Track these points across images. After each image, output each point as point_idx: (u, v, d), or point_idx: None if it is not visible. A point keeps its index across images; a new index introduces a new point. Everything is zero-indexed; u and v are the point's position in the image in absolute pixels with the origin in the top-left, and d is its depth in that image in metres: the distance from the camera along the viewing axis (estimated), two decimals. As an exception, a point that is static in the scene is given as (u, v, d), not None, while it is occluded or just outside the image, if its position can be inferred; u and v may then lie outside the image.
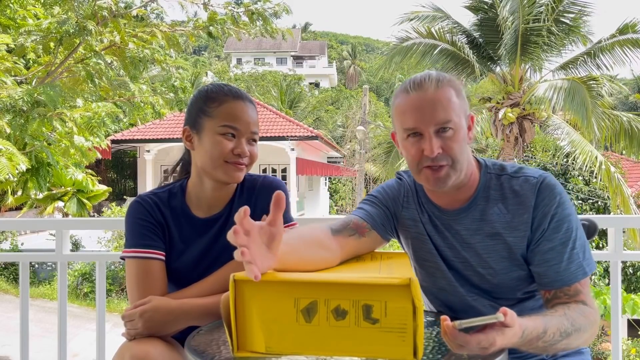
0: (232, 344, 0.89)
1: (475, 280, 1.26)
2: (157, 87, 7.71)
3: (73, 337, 8.41)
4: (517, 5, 10.00)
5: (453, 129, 1.17)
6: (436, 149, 1.16)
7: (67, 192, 12.79)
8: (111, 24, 6.31)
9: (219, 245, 1.37)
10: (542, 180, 1.20)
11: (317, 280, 0.86)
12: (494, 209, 1.23)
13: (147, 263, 1.29)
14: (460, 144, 1.18)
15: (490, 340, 0.85)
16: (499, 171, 1.26)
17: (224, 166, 1.30)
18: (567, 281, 1.15)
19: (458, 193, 1.25)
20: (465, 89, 4.43)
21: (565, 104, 9.47)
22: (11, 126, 5.52)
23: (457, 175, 1.20)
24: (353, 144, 28.13)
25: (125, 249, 1.32)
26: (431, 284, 1.33)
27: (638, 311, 6.26)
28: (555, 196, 1.18)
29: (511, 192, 1.22)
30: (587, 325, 1.08)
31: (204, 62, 47.77)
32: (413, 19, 11.51)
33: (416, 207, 1.33)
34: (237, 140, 1.30)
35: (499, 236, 1.21)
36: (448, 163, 1.18)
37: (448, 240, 1.27)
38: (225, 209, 1.39)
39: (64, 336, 2.06)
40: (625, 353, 6.73)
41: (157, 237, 1.33)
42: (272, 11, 6.86)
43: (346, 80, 59.81)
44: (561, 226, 1.17)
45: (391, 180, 1.41)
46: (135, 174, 20.13)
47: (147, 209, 1.35)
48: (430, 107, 1.16)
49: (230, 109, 1.31)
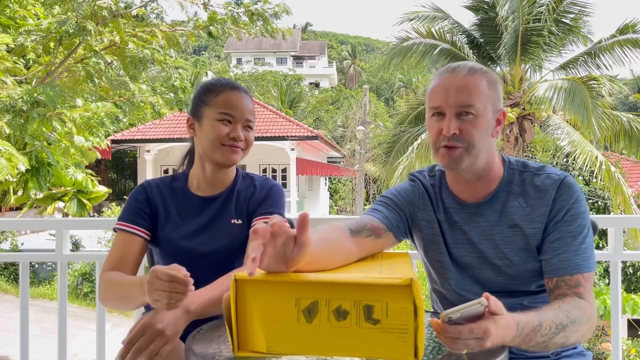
0: (232, 344, 0.89)
1: (489, 277, 1.29)
2: (157, 87, 7.71)
3: (73, 337, 8.41)
4: (517, 5, 10.00)
5: (474, 114, 1.21)
6: (453, 129, 1.21)
7: (67, 192, 12.80)
8: (111, 23, 6.31)
9: (217, 222, 1.48)
10: (564, 177, 1.26)
11: (319, 281, 0.86)
12: (514, 202, 1.27)
13: (130, 236, 1.43)
14: (480, 131, 1.21)
15: (483, 328, 0.85)
16: (522, 168, 1.31)
17: (221, 149, 1.43)
18: (569, 270, 1.17)
19: (480, 185, 1.29)
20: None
21: (566, 104, 9.46)
22: (11, 126, 5.52)
23: (472, 161, 1.23)
24: (353, 144, 28.14)
25: (117, 221, 1.46)
26: (441, 284, 1.36)
27: (638, 311, 6.27)
28: (574, 193, 1.24)
29: (532, 187, 1.27)
30: (583, 317, 1.08)
31: (204, 62, 47.76)
32: (413, 19, 11.52)
33: (432, 207, 1.36)
34: (233, 125, 1.43)
35: (517, 227, 1.25)
36: (463, 146, 1.21)
37: (465, 235, 1.30)
38: (225, 190, 1.52)
39: (64, 336, 2.06)
40: (625, 353, 6.73)
41: (144, 218, 1.46)
42: (272, 12, 6.86)
43: (346, 80, 59.84)
44: (575, 221, 1.21)
45: (404, 183, 1.43)
46: (135, 174, 20.14)
47: (146, 190, 1.50)
48: (456, 89, 1.21)
49: (226, 98, 1.44)
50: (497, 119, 1.26)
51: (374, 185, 27.31)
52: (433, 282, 1.41)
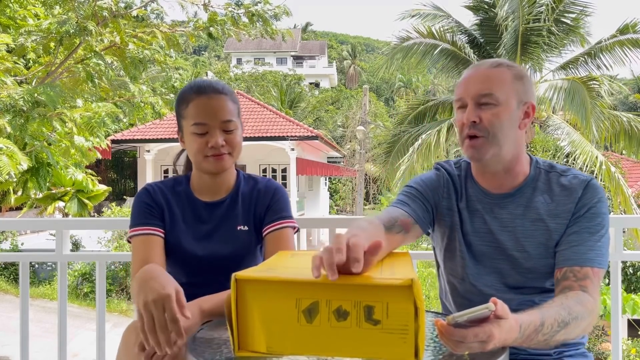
0: (233, 344, 0.89)
1: (505, 268, 1.29)
2: (157, 88, 7.71)
3: (73, 337, 8.41)
4: (517, 5, 10.00)
5: (495, 104, 1.22)
6: (472, 117, 1.22)
7: (67, 192, 12.79)
8: (111, 24, 6.30)
9: (223, 228, 1.44)
10: (590, 179, 1.27)
11: (319, 281, 0.86)
12: (539, 198, 1.28)
13: (148, 238, 1.37)
14: (501, 120, 1.22)
15: (488, 332, 0.85)
16: (548, 168, 1.32)
17: (205, 160, 1.37)
18: (580, 262, 1.17)
19: (506, 177, 1.30)
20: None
21: (566, 104, 9.47)
22: (11, 126, 5.51)
23: (496, 151, 1.24)
24: (353, 144, 28.16)
25: (131, 229, 1.40)
26: (454, 273, 1.36)
27: (638, 311, 6.28)
28: (599, 194, 1.25)
29: (559, 186, 1.28)
30: (585, 313, 1.08)
31: (204, 62, 47.76)
32: (414, 15, 11.51)
33: (455, 196, 1.36)
34: (209, 134, 1.35)
35: (541, 222, 1.26)
36: (484, 135, 1.22)
37: (486, 225, 1.30)
38: (229, 195, 1.47)
39: (64, 336, 2.06)
40: (625, 353, 6.73)
41: (156, 217, 1.41)
42: (272, 13, 6.85)
43: (346, 80, 59.83)
44: (595, 219, 1.22)
45: (429, 172, 1.43)
46: (135, 174, 20.14)
47: (150, 194, 1.45)
48: (476, 80, 1.23)
49: (196, 107, 1.36)
50: (526, 111, 1.26)
51: (374, 185, 27.33)
52: (448, 274, 1.39)
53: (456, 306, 1.38)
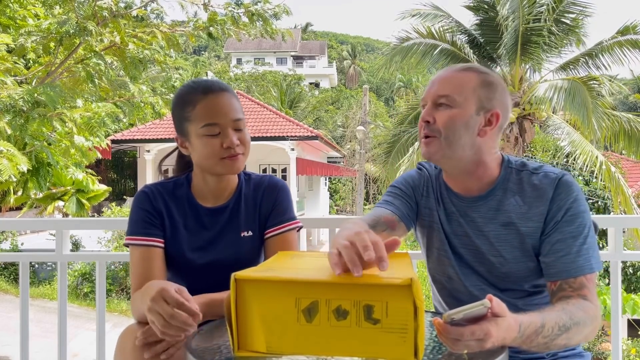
0: (232, 343, 0.89)
1: (484, 270, 1.28)
2: (157, 88, 7.71)
3: (73, 337, 8.41)
4: (517, 5, 9.99)
5: (450, 105, 1.21)
6: (427, 116, 1.23)
7: (67, 192, 12.80)
8: (111, 24, 6.30)
9: (226, 235, 1.40)
10: (561, 176, 1.23)
11: (319, 280, 0.86)
12: (511, 200, 1.25)
13: (148, 250, 1.33)
14: (455, 124, 1.20)
15: (485, 330, 0.85)
16: (520, 167, 1.30)
17: (220, 162, 1.32)
18: (573, 273, 1.16)
19: (470, 180, 1.29)
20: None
21: (566, 104, 9.46)
22: (11, 126, 5.51)
23: (448, 154, 1.23)
24: (353, 144, 28.14)
25: (128, 236, 1.35)
26: (439, 272, 1.36)
27: (638, 311, 6.27)
28: (573, 192, 1.21)
29: (530, 186, 1.25)
30: (587, 319, 1.07)
31: (204, 62, 47.78)
32: (414, 15, 11.51)
33: (434, 197, 1.36)
34: (222, 134, 1.30)
35: (512, 225, 1.24)
36: (437, 136, 1.22)
37: (462, 227, 1.30)
38: (231, 199, 1.42)
39: (64, 336, 2.06)
40: (625, 353, 6.73)
41: (156, 226, 1.36)
42: (272, 12, 6.85)
43: (346, 80, 59.85)
44: (574, 220, 1.19)
45: (412, 171, 1.44)
46: (135, 174, 20.14)
47: (150, 198, 1.38)
48: (439, 82, 1.24)
49: (204, 108, 1.30)
50: (488, 119, 1.23)
51: (374, 185, 27.30)
52: (433, 272, 1.40)
53: (447, 305, 1.38)
